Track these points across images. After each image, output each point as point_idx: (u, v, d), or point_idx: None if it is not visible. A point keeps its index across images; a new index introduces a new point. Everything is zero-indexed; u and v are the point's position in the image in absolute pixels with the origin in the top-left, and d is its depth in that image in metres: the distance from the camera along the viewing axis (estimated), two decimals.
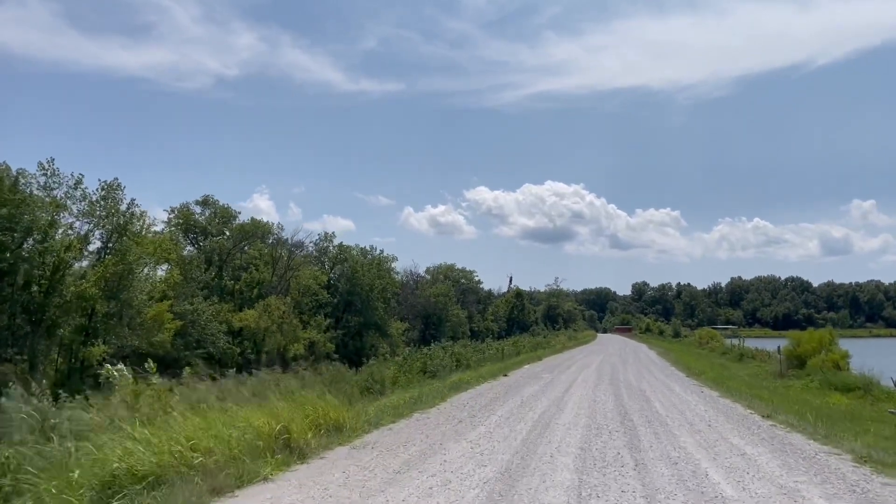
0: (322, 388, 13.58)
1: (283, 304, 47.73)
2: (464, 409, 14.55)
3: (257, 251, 53.98)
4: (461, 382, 19.41)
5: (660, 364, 31.85)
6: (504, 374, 24.91)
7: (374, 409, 13.37)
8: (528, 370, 27.31)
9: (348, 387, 15.03)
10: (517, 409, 14.59)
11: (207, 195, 50.20)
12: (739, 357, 34.66)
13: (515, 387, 19.66)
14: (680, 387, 20.11)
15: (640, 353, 46.71)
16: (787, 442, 10.65)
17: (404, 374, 19.84)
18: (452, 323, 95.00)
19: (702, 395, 18.08)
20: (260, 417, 9.50)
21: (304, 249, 71.22)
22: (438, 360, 30.41)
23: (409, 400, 15.21)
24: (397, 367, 20.00)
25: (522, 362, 31.89)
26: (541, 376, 23.98)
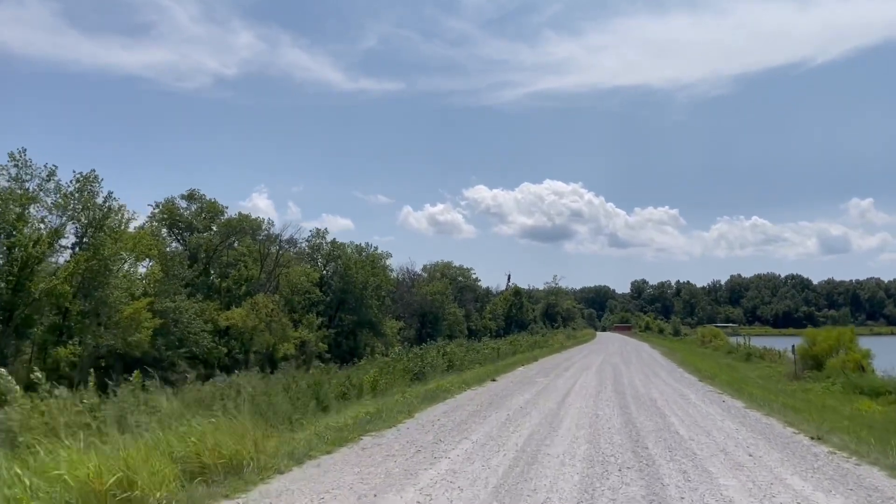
0: (266, 399, 11.66)
1: (271, 302, 45.97)
2: (430, 431, 11.62)
3: (246, 247, 52.22)
4: (439, 391, 16.63)
5: (666, 365, 29.36)
6: (493, 378, 22.26)
7: (309, 435, 10.42)
8: (521, 373, 24.91)
9: (305, 397, 12.90)
10: (498, 431, 11.65)
11: (193, 189, 48.52)
12: (747, 357, 32.98)
13: (503, 395, 17.06)
14: (695, 394, 17.47)
15: (643, 352, 43.99)
16: (870, 485, 7.72)
17: (386, 376, 17.99)
18: (449, 321, 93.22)
19: (724, 405, 15.36)
20: (93, 460, 6.44)
21: (296, 246, 69.65)
22: (430, 361, 28.74)
23: (365, 417, 12.32)
24: (378, 370, 17.92)
25: (516, 364, 29.47)
26: (534, 381, 21.60)
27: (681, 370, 25.89)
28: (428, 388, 17.12)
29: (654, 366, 29.21)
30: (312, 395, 12.97)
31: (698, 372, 24.08)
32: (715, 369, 24.20)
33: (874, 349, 35.05)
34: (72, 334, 34.30)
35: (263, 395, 11.48)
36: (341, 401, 14.58)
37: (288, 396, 12.27)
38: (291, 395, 12.39)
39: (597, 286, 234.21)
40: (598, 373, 24.68)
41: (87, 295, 34.44)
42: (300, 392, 12.96)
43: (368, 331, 66.51)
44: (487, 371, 24.63)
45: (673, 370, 25.97)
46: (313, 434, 10.50)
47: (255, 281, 49.02)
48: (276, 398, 11.58)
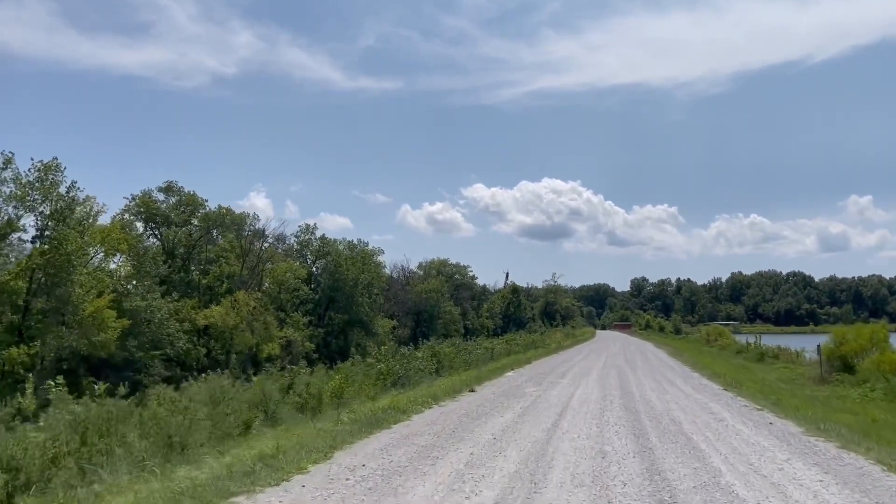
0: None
1: (252, 300, 43.44)
2: (332, 497, 7.21)
3: (228, 243, 49.72)
4: (392, 411, 12.27)
5: (676, 368, 25.78)
6: (472, 388, 17.79)
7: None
8: (509, 380, 21.00)
9: (222, 420, 10.06)
10: (448, 493, 7.34)
11: (171, 181, 45.90)
12: (760, 357, 30.52)
13: (475, 417, 12.71)
14: (728, 411, 13.37)
15: (647, 352, 40.59)
16: None
17: (360, 382, 15.50)
18: (445, 320, 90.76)
19: (773, 429, 11.39)
20: None
21: (285, 242, 67.16)
22: (415, 365, 26.38)
23: (242, 467, 8.10)
24: (343, 377, 15.23)
25: (505, 367, 26.22)
26: (523, 391, 17.63)
27: (696, 374, 22.47)
28: (378, 408, 12.62)
29: (664, 369, 25.77)
30: (238, 418, 10.27)
31: (716, 376, 20.75)
32: (733, 372, 21.54)
33: None
34: (32, 335, 31.85)
35: (153, 418, 8.83)
36: (260, 429, 11.67)
37: (207, 416, 9.66)
38: (214, 414, 9.79)
39: (596, 284, 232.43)
40: (601, 380, 20.82)
41: (48, 292, 31.97)
42: (228, 410, 10.33)
43: (359, 330, 64.05)
44: (469, 378, 20.49)
45: (687, 375, 22.26)
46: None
47: (236, 278, 46.46)
48: (171, 421, 8.97)
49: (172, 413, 9.08)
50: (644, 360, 32.60)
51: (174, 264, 46.18)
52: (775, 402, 14.19)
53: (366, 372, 27.69)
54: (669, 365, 28.26)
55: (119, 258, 38.60)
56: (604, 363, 29.56)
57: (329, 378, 16.80)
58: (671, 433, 11.23)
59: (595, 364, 28.95)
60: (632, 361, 30.96)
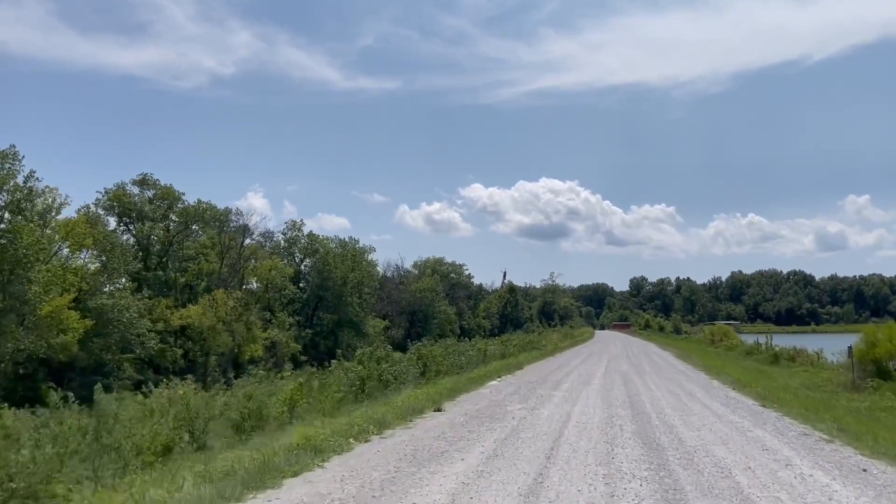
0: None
1: (232, 299, 41.00)
2: None
3: (209, 239, 47.27)
4: (304, 450, 8.21)
5: (690, 374, 22.04)
6: (438, 407, 13.33)
7: None
8: (491, 392, 16.96)
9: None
10: None
11: (146, 174, 43.43)
12: (774, 359, 28.08)
13: (422, 462, 8.48)
14: (792, 448, 9.20)
15: (653, 354, 36.98)
16: None
17: (316, 397, 13.03)
18: (440, 320, 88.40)
19: (869, 478, 7.51)
20: None
21: (272, 240, 64.76)
22: (394, 370, 23.99)
23: None
24: (297, 388, 12.51)
25: (492, 373, 22.43)
26: (504, 410, 13.36)
27: (715, 382, 19.05)
28: (289, 445, 8.56)
29: (676, 375, 22.07)
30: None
31: (740, 385, 17.33)
32: (753, 378, 18.94)
33: None
34: None
35: None
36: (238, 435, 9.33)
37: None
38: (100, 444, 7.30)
39: (595, 284, 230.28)
40: (604, 392, 16.66)
41: (2, 290, 29.54)
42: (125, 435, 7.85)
43: (350, 330, 61.65)
44: (443, 389, 16.48)
45: (705, 383, 18.81)
46: None
47: (216, 276, 44.01)
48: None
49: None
50: (650, 363, 29.42)
51: (150, 261, 43.77)
52: (837, 426, 10.44)
53: (346, 375, 25.35)
54: (680, 369, 25.08)
55: (87, 254, 36.21)
56: (606, 368, 25.92)
57: (279, 389, 14.34)
58: (726, 498, 6.72)
59: (596, 369, 25.31)
60: (637, 365, 27.58)
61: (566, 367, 26.93)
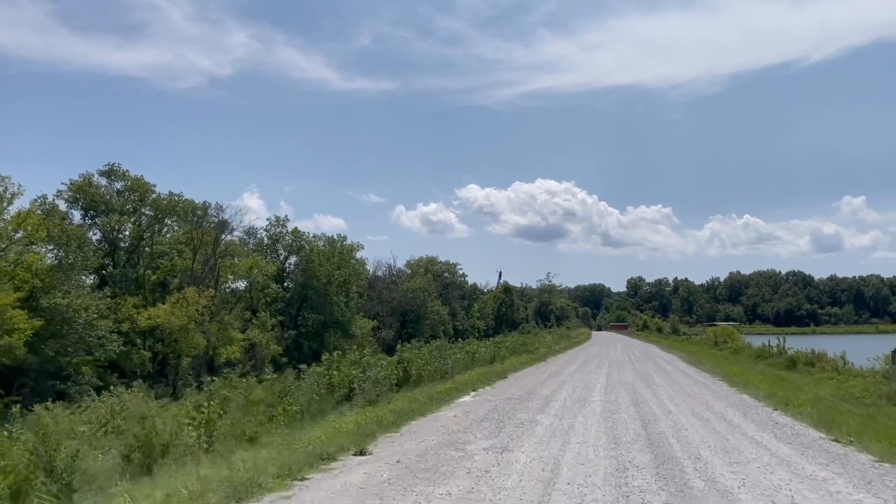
0: None
1: (203, 297, 38.24)
2: None
3: (184, 234, 44.51)
4: None
5: (712, 387, 17.59)
6: (361, 449, 9.27)
7: None
8: (454, 417, 12.40)
9: None
10: None
11: (114, 164, 40.58)
12: (791, 364, 25.43)
13: None
14: None
15: (658, 359, 32.32)
16: None
17: (242, 413, 10.31)
18: (432, 321, 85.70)
19: None
20: None
21: (255, 237, 61.99)
22: (375, 373, 21.39)
23: None
24: (220, 403, 9.55)
25: (466, 386, 18.27)
26: (460, 452, 9.35)
27: (747, 398, 14.72)
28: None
29: (695, 387, 17.70)
30: None
31: (783, 403, 13.50)
32: (782, 389, 16.13)
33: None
34: None
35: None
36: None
37: None
38: None
39: (591, 284, 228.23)
40: (608, 416, 12.50)
41: None
42: None
43: (336, 331, 58.91)
44: (392, 412, 11.91)
45: (738, 401, 14.27)
46: None
47: (190, 273, 41.25)
48: None
49: None
50: (658, 370, 25.34)
51: (118, 257, 41.02)
52: None
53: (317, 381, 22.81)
54: (696, 378, 21.05)
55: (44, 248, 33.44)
56: (607, 378, 21.59)
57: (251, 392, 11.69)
58: None
59: (595, 379, 21.01)
60: (644, 373, 23.36)
61: (559, 375, 23.18)
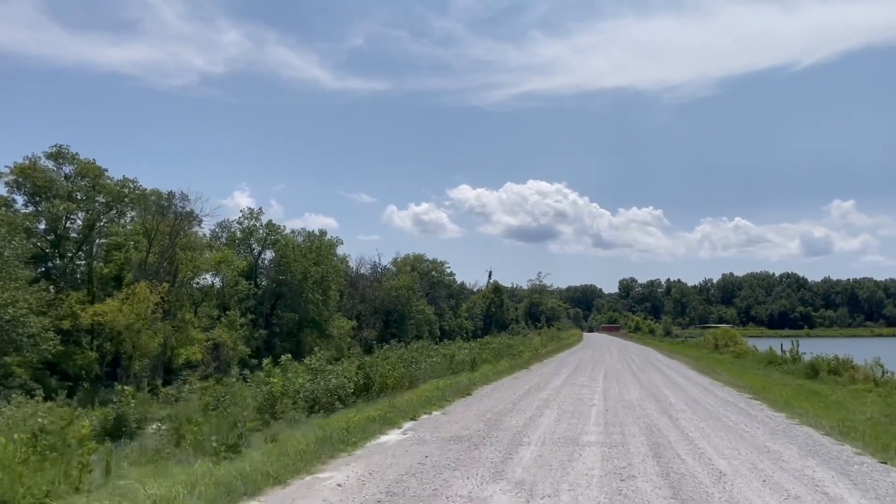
0: None
1: (156, 293, 34.60)
2: None
3: (141, 225, 40.85)
4: None
5: (755, 413, 12.56)
6: None
7: None
8: (346, 485, 7.07)
9: None
10: None
11: (62, 146, 36.86)
12: (812, 372, 22.11)
13: None
14: None
15: (662, 367, 27.34)
16: None
17: None
18: (417, 320, 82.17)
19: None
20: None
21: (229, 230, 58.34)
22: (332, 382, 18.08)
23: None
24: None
25: (406, 412, 13.02)
26: None
27: (806, 430, 10.70)
28: None
29: (734, 415, 12.43)
30: None
31: (854, 436, 9.84)
32: (819, 407, 12.47)
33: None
34: None
35: None
36: None
37: None
38: None
39: (583, 285, 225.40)
40: (619, 497, 6.66)
41: None
42: None
43: (312, 331, 55.33)
44: (259, 467, 7.30)
45: (814, 444, 9.59)
46: None
47: (143, 266, 37.59)
48: None
49: None
50: (670, 384, 19.62)
51: (64, 248, 37.33)
52: None
53: (254, 391, 19.40)
54: (722, 397, 15.69)
55: None
56: (605, 397, 16.05)
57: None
58: None
59: (588, 398, 15.71)
60: (653, 390, 17.74)
61: (541, 391, 17.78)
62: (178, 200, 45.37)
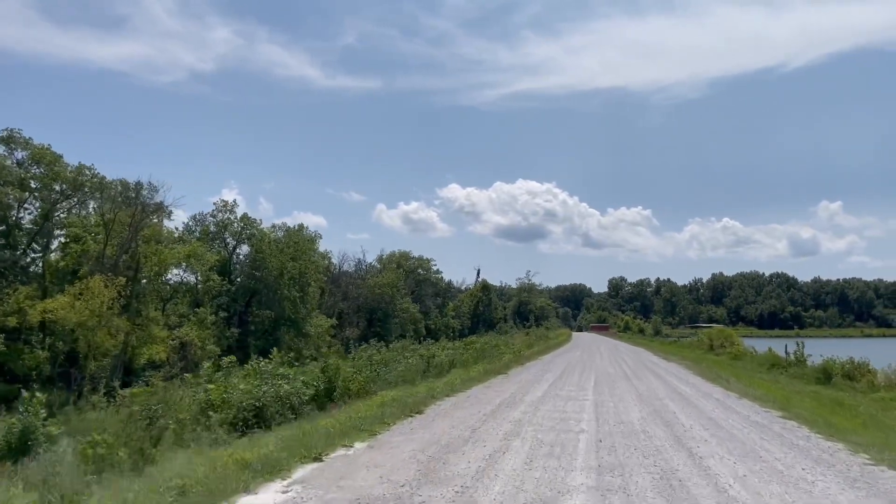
0: None
1: (112, 288, 32.05)
2: None
3: (100, 217, 38.26)
4: None
5: (806, 445, 9.57)
6: None
7: None
8: None
9: None
10: None
11: (13, 129, 34.22)
12: (824, 377, 20.01)
13: None
14: None
15: (662, 372, 23.40)
16: None
17: None
18: (401, 319, 79.69)
19: None
20: None
21: (203, 223, 55.68)
22: (287, 388, 15.94)
23: None
24: None
25: (314, 445, 9.00)
26: None
27: (848, 455, 8.82)
28: None
29: (776, 447, 9.52)
30: None
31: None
32: (848, 423, 10.26)
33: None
34: None
35: None
36: None
37: None
38: None
39: (572, 285, 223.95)
40: None
41: None
42: None
43: (289, 329, 52.83)
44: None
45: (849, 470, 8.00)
46: None
47: (99, 259, 35.02)
48: None
49: None
50: (675, 396, 16.10)
51: (14, 239, 34.71)
52: None
53: (192, 398, 17.08)
54: (749, 416, 12.47)
55: None
56: (597, 416, 12.83)
57: None
58: None
59: (575, 419, 12.43)
60: (657, 405, 14.37)
61: (515, 406, 14.16)
62: (147, 191, 42.82)
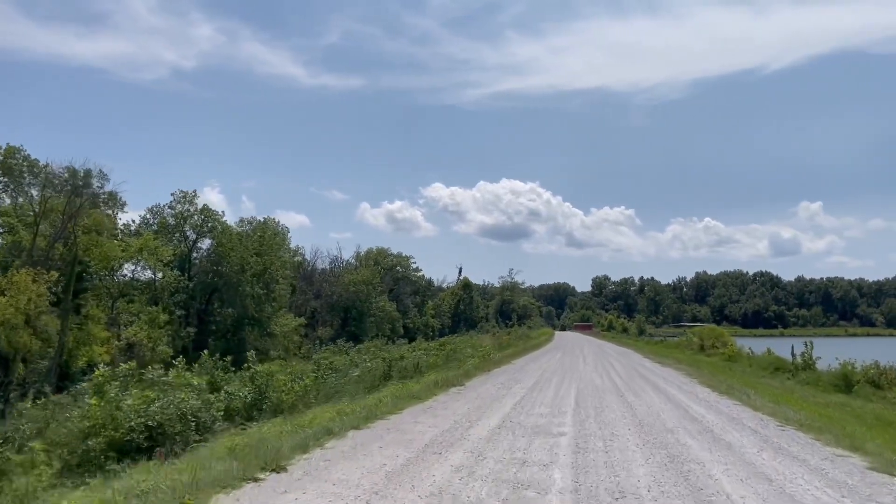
0: None
1: (40, 283, 28.63)
2: None
3: (29, 203, 34.73)
4: None
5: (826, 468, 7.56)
6: None
7: None
8: None
9: None
10: None
11: None
12: (844, 384, 17.17)
13: None
14: None
15: (660, 382, 18.90)
16: None
17: None
18: (377, 318, 76.34)
19: None
20: None
21: (160, 216, 52.09)
22: (193, 403, 13.04)
23: None
24: None
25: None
26: None
27: None
28: None
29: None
30: None
31: None
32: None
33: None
34: None
35: None
36: None
37: None
38: None
39: (556, 283, 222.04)
40: None
41: None
42: None
43: (253, 329, 49.48)
44: None
45: None
46: None
47: (28, 252, 31.52)
48: None
49: None
50: (688, 421, 11.48)
51: None
52: None
53: None
54: (816, 466, 7.96)
55: None
56: (574, 467, 7.87)
57: None
58: None
59: (542, 473, 7.53)
60: (666, 440, 9.72)
61: (448, 450, 8.93)
62: (96, 179, 39.20)
